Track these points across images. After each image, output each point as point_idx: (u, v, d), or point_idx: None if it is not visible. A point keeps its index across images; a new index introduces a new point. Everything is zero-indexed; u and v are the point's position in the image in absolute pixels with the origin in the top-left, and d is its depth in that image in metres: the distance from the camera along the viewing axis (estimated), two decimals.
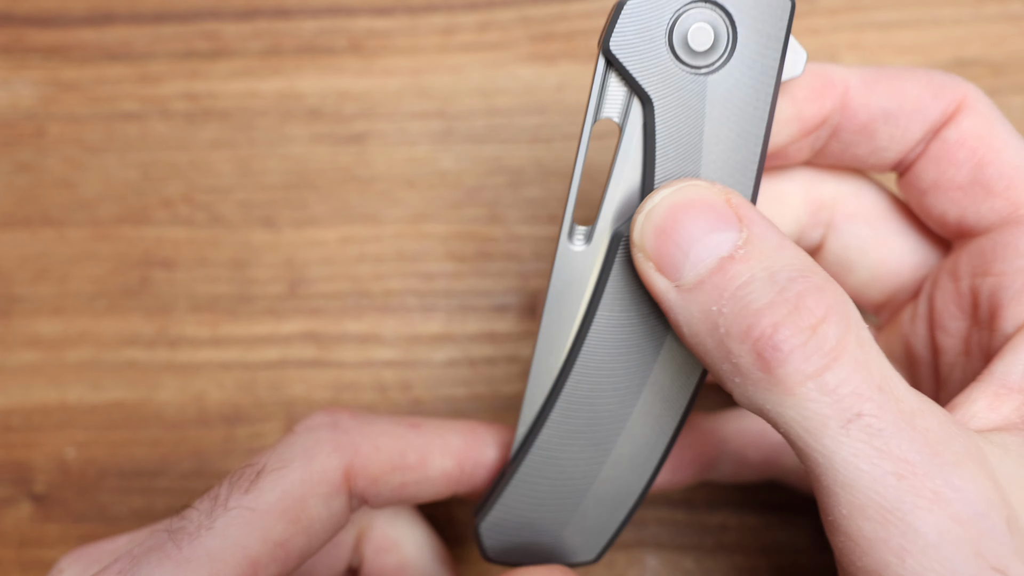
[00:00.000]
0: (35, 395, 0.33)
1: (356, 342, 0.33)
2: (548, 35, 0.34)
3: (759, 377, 0.18)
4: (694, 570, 0.31)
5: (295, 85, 0.34)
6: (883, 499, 0.17)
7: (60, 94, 0.35)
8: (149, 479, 0.32)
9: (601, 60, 0.21)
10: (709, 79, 0.21)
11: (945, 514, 0.17)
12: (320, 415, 0.24)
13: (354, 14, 0.34)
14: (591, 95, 0.21)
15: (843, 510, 0.18)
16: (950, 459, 0.18)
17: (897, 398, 0.18)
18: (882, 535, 0.17)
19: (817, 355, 0.18)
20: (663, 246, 0.20)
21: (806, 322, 0.18)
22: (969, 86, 0.23)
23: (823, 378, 0.18)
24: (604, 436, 0.23)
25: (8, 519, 0.32)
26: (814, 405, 0.18)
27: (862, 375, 0.18)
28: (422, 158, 0.34)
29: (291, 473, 0.22)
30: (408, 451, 0.24)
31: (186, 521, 0.21)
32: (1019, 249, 0.21)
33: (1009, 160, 0.22)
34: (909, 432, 0.18)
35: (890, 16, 0.34)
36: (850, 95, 0.23)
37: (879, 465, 0.17)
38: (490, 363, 0.33)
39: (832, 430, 0.18)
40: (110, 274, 0.34)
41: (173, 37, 0.35)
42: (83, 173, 0.34)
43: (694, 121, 0.21)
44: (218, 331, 0.33)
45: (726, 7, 0.21)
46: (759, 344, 0.18)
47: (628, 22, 0.21)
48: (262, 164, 0.34)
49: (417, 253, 0.33)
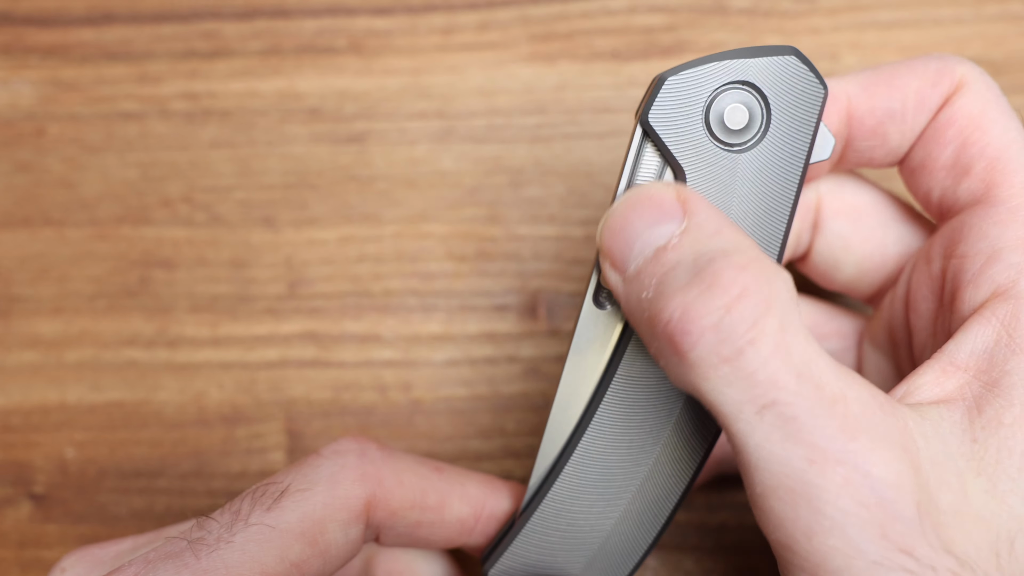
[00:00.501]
0: (35, 395, 0.33)
1: (356, 342, 0.33)
2: (548, 35, 0.34)
3: (675, 360, 0.19)
4: (694, 570, 0.31)
5: (295, 85, 0.34)
6: (792, 482, 0.18)
7: (60, 94, 0.35)
8: (149, 479, 0.32)
9: (638, 130, 0.22)
10: (741, 157, 0.22)
11: (852, 498, 0.17)
12: (349, 441, 0.24)
13: (354, 14, 0.34)
14: (626, 162, 0.22)
15: (757, 488, 0.18)
16: (866, 444, 0.18)
17: (818, 384, 0.18)
18: (791, 515, 0.18)
19: (730, 338, 0.18)
20: (614, 243, 0.20)
21: (719, 301, 0.18)
22: (967, 65, 0.23)
23: (738, 363, 0.18)
24: (616, 492, 0.23)
25: (8, 519, 0.32)
26: (729, 390, 0.18)
27: (780, 361, 0.18)
28: (422, 158, 0.34)
29: (314, 496, 0.22)
30: (430, 492, 0.24)
31: (205, 532, 0.21)
32: (982, 231, 0.21)
33: (994, 140, 0.22)
34: (825, 419, 0.18)
35: (891, 16, 0.33)
36: (853, 104, 0.23)
37: (790, 450, 0.18)
38: (490, 363, 0.33)
39: (747, 414, 0.18)
40: (110, 274, 0.33)
41: (173, 37, 0.35)
42: (83, 173, 0.34)
43: (724, 196, 0.22)
44: (218, 331, 0.33)
45: (763, 90, 0.22)
46: (669, 327, 0.18)
47: (668, 97, 0.22)
48: (262, 164, 0.34)
49: (417, 253, 0.33)
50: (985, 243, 0.21)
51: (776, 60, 0.22)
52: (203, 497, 0.32)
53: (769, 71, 0.22)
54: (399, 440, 0.32)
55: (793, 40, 0.33)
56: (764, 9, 0.34)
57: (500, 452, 0.32)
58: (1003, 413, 0.19)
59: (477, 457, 0.32)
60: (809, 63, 0.22)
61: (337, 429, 0.32)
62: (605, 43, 0.34)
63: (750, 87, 0.22)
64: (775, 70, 0.22)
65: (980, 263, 0.21)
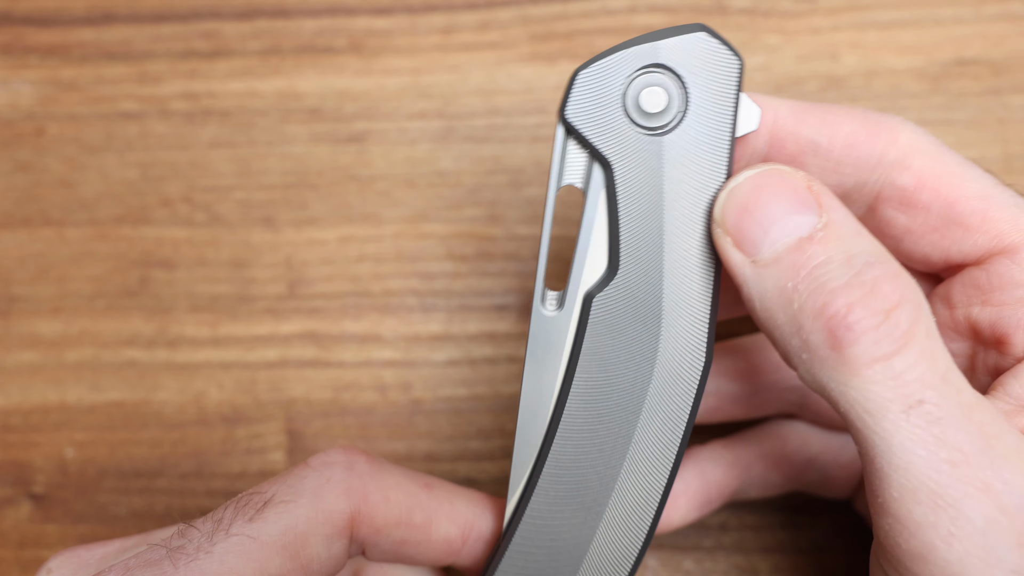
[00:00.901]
0: (34, 395, 0.33)
1: (356, 342, 0.33)
2: (548, 35, 0.34)
3: (827, 355, 0.19)
4: (694, 570, 0.31)
5: (295, 85, 0.34)
6: (935, 484, 0.18)
7: (59, 94, 0.34)
8: (148, 479, 0.32)
9: (560, 128, 0.22)
10: (665, 140, 0.22)
11: (993, 504, 0.18)
12: (337, 453, 0.23)
13: (354, 14, 0.34)
14: (553, 163, 0.22)
15: (894, 492, 0.19)
16: (1002, 452, 0.18)
17: (958, 389, 0.19)
18: (931, 519, 0.18)
19: (888, 339, 0.18)
20: (743, 222, 0.20)
21: (880, 306, 0.19)
22: (905, 124, 0.23)
23: (891, 362, 0.18)
24: (594, 499, 0.23)
25: (7, 519, 0.32)
26: (878, 388, 0.18)
27: (928, 363, 0.19)
28: (422, 158, 0.34)
29: (298, 508, 0.22)
30: (417, 510, 0.23)
31: (186, 540, 0.21)
32: (1014, 279, 0.22)
33: (974, 192, 0.22)
34: (966, 423, 0.18)
35: (891, 16, 0.33)
36: (779, 125, 0.23)
37: (935, 452, 0.18)
38: (490, 363, 0.33)
39: (893, 414, 0.18)
40: (109, 274, 0.33)
41: (172, 37, 0.35)
42: (82, 173, 0.34)
43: (654, 181, 0.22)
44: (218, 331, 0.33)
45: (676, 70, 0.21)
46: (832, 322, 0.19)
47: (583, 90, 0.21)
48: (262, 164, 0.34)
49: (417, 253, 0.33)
50: (1022, 290, 0.22)
51: (686, 38, 0.21)
52: (203, 497, 0.32)
53: (680, 50, 0.21)
54: (399, 440, 0.32)
55: (793, 40, 0.33)
56: (764, 9, 0.34)
57: (500, 452, 0.32)
58: None
59: (477, 457, 0.32)
60: (719, 36, 0.22)
61: (337, 429, 0.32)
62: (605, 43, 0.34)
63: (664, 68, 0.21)
64: (686, 48, 0.21)
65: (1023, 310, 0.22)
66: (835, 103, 0.24)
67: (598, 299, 0.22)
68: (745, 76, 0.34)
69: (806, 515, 0.31)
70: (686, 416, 0.22)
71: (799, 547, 0.31)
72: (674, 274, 0.22)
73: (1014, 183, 0.23)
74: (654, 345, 0.22)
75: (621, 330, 0.22)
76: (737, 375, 0.28)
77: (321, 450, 0.23)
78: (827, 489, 0.29)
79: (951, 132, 0.33)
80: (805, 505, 0.31)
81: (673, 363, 0.22)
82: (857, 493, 0.29)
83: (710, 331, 0.22)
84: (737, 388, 0.28)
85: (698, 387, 0.22)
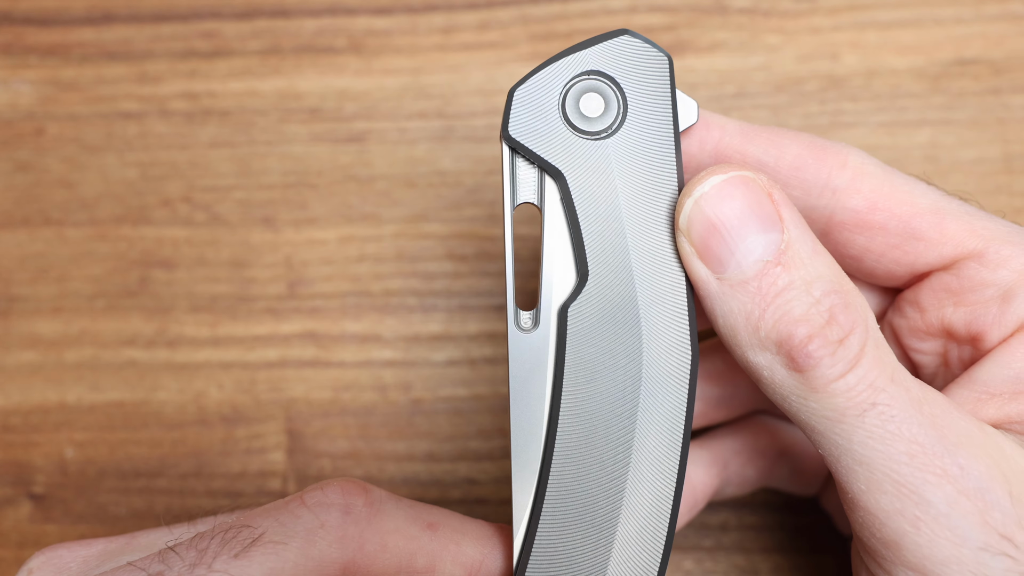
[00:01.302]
0: (34, 395, 0.33)
1: (356, 342, 0.33)
2: (548, 35, 0.34)
3: (786, 374, 0.20)
4: (694, 570, 0.31)
5: (295, 85, 0.34)
6: (897, 475, 0.20)
7: (59, 94, 0.34)
8: (148, 479, 0.32)
9: (506, 148, 0.22)
10: (610, 142, 0.22)
11: (954, 488, 0.19)
12: (335, 492, 0.22)
13: (354, 14, 0.34)
14: (504, 184, 0.22)
15: (861, 486, 0.20)
16: (954, 440, 0.20)
17: (906, 387, 0.20)
18: (897, 507, 0.20)
19: (843, 362, 0.20)
20: (710, 239, 0.21)
21: (836, 336, 0.20)
22: (851, 149, 0.23)
23: (845, 379, 0.20)
24: (605, 518, 0.22)
25: (7, 519, 0.32)
26: (835, 400, 0.20)
27: (877, 370, 0.20)
28: (422, 158, 0.34)
29: (286, 552, 0.20)
30: (418, 555, 0.22)
31: (165, 567, 0.20)
32: (984, 280, 0.23)
33: (926, 207, 0.23)
34: (918, 416, 0.20)
35: (891, 15, 0.33)
36: (725, 142, 0.23)
37: (893, 445, 0.20)
38: (490, 363, 0.33)
39: (850, 418, 0.20)
40: (109, 274, 0.33)
41: (172, 37, 0.35)
42: (82, 173, 0.34)
43: (607, 184, 0.22)
44: (218, 331, 0.33)
45: (608, 73, 0.22)
46: (795, 350, 0.20)
47: (521, 106, 0.22)
48: (262, 163, 0.34)
49: (417, 253, 0.33)
50: (993, 289, 0.23)
51: (612, 43, 0.22)
52: (203, 497, 0.32)
53: (609, 54, 0.22)
54: (399, 440, 0.32)
55: (793, 40, 0.33)
56: (764, 9, 0.34)
57: (500, 452, 0.32)
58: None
59: (477, 457, 0.32)
60: (643, 37, 0.22)
61: (337, 429, 0.32)
62: None
63: (596, 74, 0.22)
64: (614, 52, 0.22)
65: (996, 306, 0.23)
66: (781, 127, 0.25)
67: (572, 309, 0.22)
68: (743, 79, 0.34)
69: (806, 515, 0.31)
70: (683, 414, 0.22)
71: (799, 547, 0.31)
72: (645, 274, 0.22)
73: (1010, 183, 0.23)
74: (638, 347, 0.22)
75: (601, 337, 0.22)
76: (717, 377, 0.28)
77: (320, 449, 0.22)
78: (797, 484, 0.29)
79: (951, 132, 0.33)
80: (805, 505, 0.31)
81: (660, 363, 0.22)
82: (824, 490, 0.29)
83: (692, 325, 0.22)
84: (719, 391, 0.28)
85: (690, 383, 0.22)
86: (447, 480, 0.32)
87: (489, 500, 0.32)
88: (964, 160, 0.33)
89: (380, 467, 0.32)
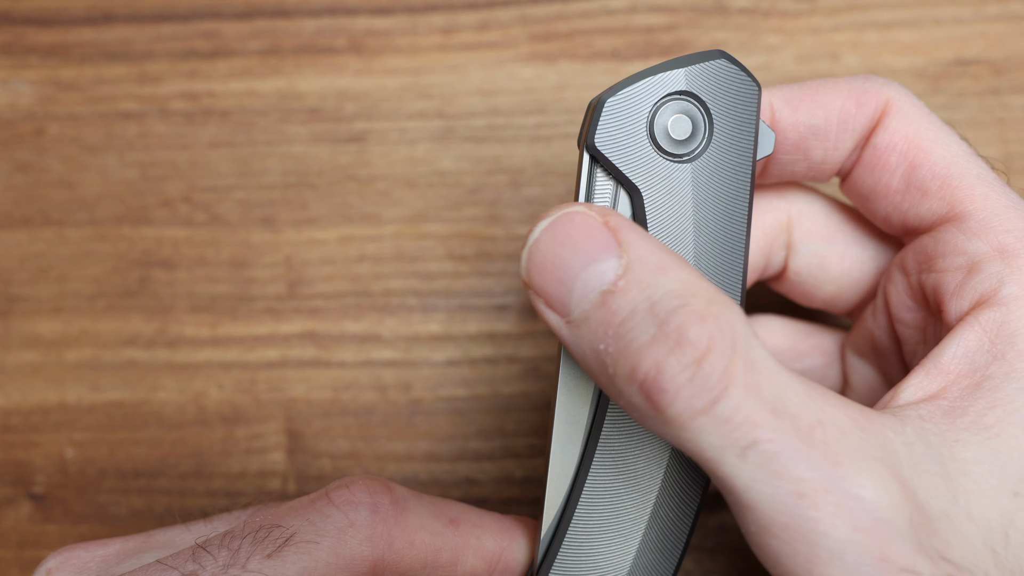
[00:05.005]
0: (34, 395, 0.33)
1: (356, 342, 0.33)
2: (548, 35, 0.34)
3: (651, 415, 0.18)
4: (694, 570, 0.31)
5: (295, 85, 0.34)
6: (785, 517, 0.18)
7: (59, 94, 0.34)
8: (148, 479, 0.32)
9: (586, 157, 0.22)
10: (691, 166, 0.22)
11: (846, 524, 0.17)
12: (362, 491, 0.22)
13: (354, 14, 0.34)
14: (579, 191, 0.22)
15: (752, 527, 0.18)
16: (851, 468, 0.18)
17: (792, 416, 0.18)
18: (788, 551, 0.18)
19: (704, 390, 0.18)
20: (547, 283, 0.19)
21: (689, 357, 0.18)
22: (892, 86, 0.23)
23: (713, 411, 0.18)
24: (630, 525, 0.23)
25: (7, 519, 0.32)
26: (709, 438, 0.18)
27: (753, 400, 0.18)
28: (422, 158, 0.34)
29: (319, 551, 0.21)
30: (443, 550, 0.23)
31: (199, 567, 0.20)
32: (957, 247, 0.22)
33: (939, 159, 0.22)
34: (805, 450, 0.18)
35: (891, 15, 0.33)
36: (776, 117, 0.23)
37: (779, 486, 0.18)
38: (490, 363, 0.33)
39: (730, 458, 0.18)
40: (109, 274, 0.33)
41: (172, 37, 0.35)
42: (82, 173, 0.34)
43: (682, 207, 0.22)
44: (218, 331, 0.33)
45: (700, 96, 0.22)
46: (644, 386, 0.18)
47: (610, 119, 0.22)
48: (262, 164, 0.34)
49: (417, 253, 0.33)
50: (963, 257, 0.22)
51: (708, 65, 0.22)
52: (203, 497, 0.32)
53: (703, 77, 0.22)
54: (399, 440, 0.32)
55: (793, 40, 0.33)
56: (764, 9, 0.34)
57: (500, 452, 0.32)
58: (985, 414, 0.20)
59: (477, 457, 0.32)
60: (739, 63, 0.22)
61: (337, 429, 0.32)
62: (605, 43, 0.34)
63: (688, 96, 0.22)
64: (708, 75, 0.22)
65: (961, 276, 0.22)
66: (824, 79, 0.24)
67: None
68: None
69: None
70: None
71: None
72: None
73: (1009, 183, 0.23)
74: None
75: None
76: None
77: (320, 449, 0.22)
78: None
79: None
80: None
81: None
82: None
83: None
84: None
85: None
86: (447, 480, 0.32)
87: (489, 500, 0.32)
88: None
89: (380, 467, 0.32)
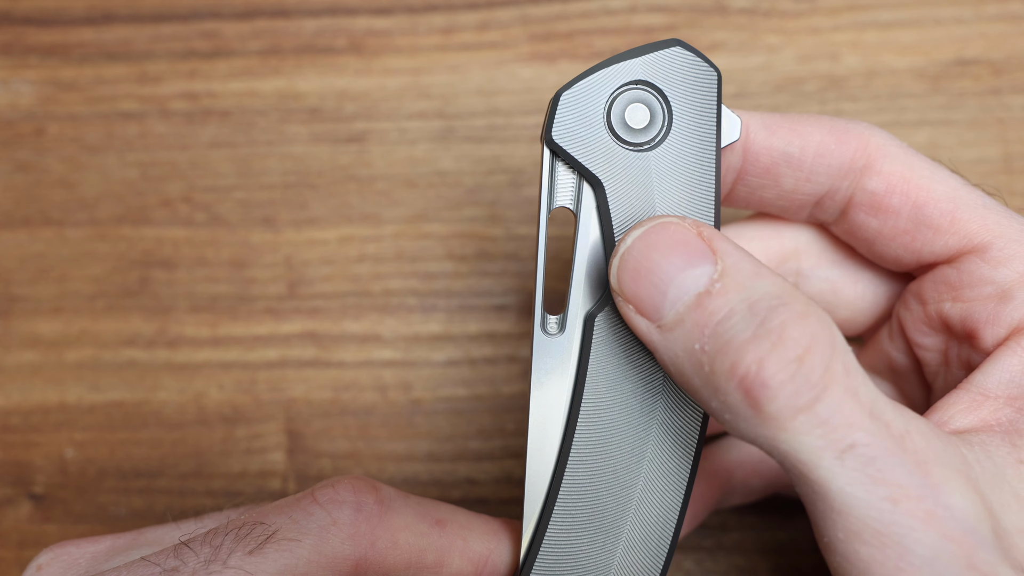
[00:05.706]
0: (34, 395, 0.33)
1: (356, 342, 0.33)
2: (548, 35, 0.34)
3: (749, 414, 0.18)
4: (694, 570, 0.31)
5: (295, 85, 0.34)
6: (879, 524, 0.18)
7: (59, 94, 0.34)
8: (148, 479, 0.32)
9: (546, 152, 0.22)
10: (652, 155, 0.22)
11: (938, 533, 0.18)
12: (346, 490, 0.22)
13: (354, 14, 0.34)
14: (541, 187, 0.22)
15: (839, 534, 0.18)
16: (940, 477, 0.18)
17: (886, 422, 0.18)
18: (879, 557, 0.18)
19: (806, 388, 0.18)
20: (640, 288, 0.20)
21: (791, 354, 0.18)
22: (875, 131, 0.23)
23: (814, 410, 0.18)
24: (613, 522, 0.22)
25: (7, 519, 0.32)
26: (807, 438, 0.18)
27: (852, 403, 0.18)
28: (422, 158, 0.34)
29: (300, 549, 0.21)
30: (428, 551, 0.23)
31: (180, 563, 0.20)
32: (984, 276, 0.22)
33: (942, 195, 0.23)
34: (901, 456, 0.18)
35: (891, 16, 0.33)
36: (751, 139, 0.23)
37: (874, 492, 0.18)
38: (490, 363, 0.33)
39: (827, 461, 0.18)
40: (109, 274, 0.33)
41: (173, 37, 0.35)
42: (82, 173, 0.34)
43: (645, 196, 0.22)
44: (218, 331, 0.33)
45: (656, 84, 0.22)
46: (745, 382, 0.18)
47: (566, 111, 0.22)
48: (262, 164, 0.34)
49: (417, 253, 0.33)
50: (992, 287, 0.22)
51: (663, 53, 0.22)
52: (203, 497, 0.32)
53: (659, 65, 0.22)
54: (399, 440, 0.32)
55: (793, 40, 0.33)
56: (764, 9, 0.34)
57: (500, 452, 0.32)
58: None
59: (477, 457, 0.32)
60: (695, 50, 0.22)
61: (337, 429, 0.32)
62: (605, 43, 0.34)
63: (644, 85, 0.22)
64: (664, 63, 0.22)
65: (993, 304, 0.22)
66: (803, 112, 0.24)
67: (600, 318, 0.22)
68: (743, 79, 0.34)
69: (806, 516, 0.31)
70: (698, 426, 0.22)
71: (799, 547, 0.31)
72: None
73: (1002, 187, 0.23)
74: None
75: (625, 347, 0.22)
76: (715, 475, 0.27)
77: (320, 449, 0.22)
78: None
79: (951, 132, 0.33)
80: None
81: None
82: None
83: None
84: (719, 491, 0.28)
85: None
86: (447, 480, 0.32)
87: (489, 500, 0.32)
88: (964, 160, 0.33)
89: (380, 467, 0.32)
